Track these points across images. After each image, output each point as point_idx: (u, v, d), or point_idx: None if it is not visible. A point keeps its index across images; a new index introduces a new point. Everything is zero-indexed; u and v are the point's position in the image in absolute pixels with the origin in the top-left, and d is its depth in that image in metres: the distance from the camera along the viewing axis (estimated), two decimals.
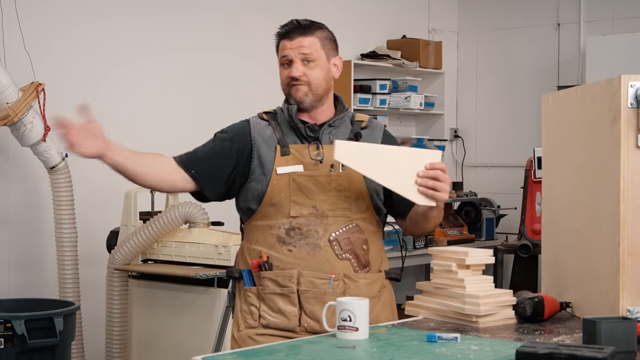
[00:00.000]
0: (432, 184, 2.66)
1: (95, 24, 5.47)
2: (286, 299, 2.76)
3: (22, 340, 4.19)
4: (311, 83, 2.81)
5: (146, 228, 4.67)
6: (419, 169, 2.67)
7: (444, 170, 2.67)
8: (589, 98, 2.65)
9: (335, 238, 2.76)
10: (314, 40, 2.83)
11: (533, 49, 7.54)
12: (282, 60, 2.84)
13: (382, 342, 2.37)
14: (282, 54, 2.83)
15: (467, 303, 2.58)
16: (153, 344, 4.72)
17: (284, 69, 2.84)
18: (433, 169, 2.66)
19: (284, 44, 2.83)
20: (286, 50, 2.82)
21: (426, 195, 2.67)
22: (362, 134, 2.86)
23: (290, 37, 2.82)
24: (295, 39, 2.81)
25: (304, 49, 2.80)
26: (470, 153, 7.90)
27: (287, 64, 2.82)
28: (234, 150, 2.83)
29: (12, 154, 5.11)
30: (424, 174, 2.66)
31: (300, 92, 2.81)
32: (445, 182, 2.67)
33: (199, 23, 6.01)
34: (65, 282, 4.91)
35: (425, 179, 2.66)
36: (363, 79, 7.03)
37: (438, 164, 2.68)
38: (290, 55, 2.81)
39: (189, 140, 5.79)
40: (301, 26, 2.84)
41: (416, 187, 2.67)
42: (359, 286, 2.77)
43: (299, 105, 2.83)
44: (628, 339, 2.18)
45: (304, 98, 2.81)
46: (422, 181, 2.66)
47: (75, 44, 5.38)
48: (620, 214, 2.43)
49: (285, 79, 2.84)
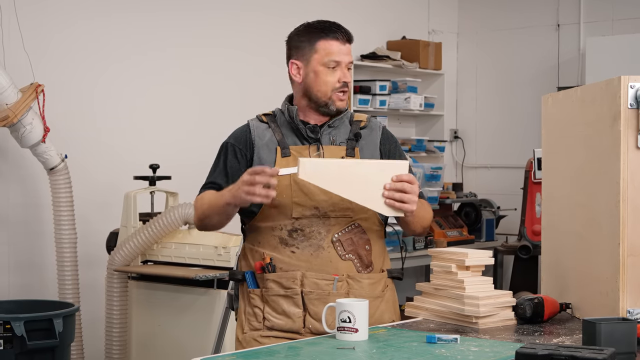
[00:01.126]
0: (399, 196, 2.64)
1: (94, 24, 5.46)
2: (290, 300, 2.75)
3: (22, 342, 4.19)
4: (348, 90, 2.84)
5: (146, 229, 4.67)
6: (387, 180, 2.66)
7: (410, 182, 2.66)
8: (588, 99, 2.65)
9: (338, 239, 2.76)
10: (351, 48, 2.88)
11: (533, 50, 7.53)
12: (330, 64, 2.80)
13: (382, 344, 2.37)
14: (333, 57, 2.80)
15: (467, 304, 2.58)
16: (153, 345, 4.72)
17: (330, 72, 2.81)
18: (400, 181, 2.65)
19: (335, 46, 2.81)
20: (341, 54, 2.80)
21: (393, 207, 2.66)
22: (362, 134, 2.86)
23: (342, 40, 2.82)
24: (346, 44, 2.83)
25: (350, 57, 2.84)
26: (470, 154, 7.90)
27: (334, 67, 2.80)
28: (242, 157, 2.84)
29: (11, 155, 5.11)
30: (391, 187, 2.65)
31: (345, 100, 2.83)
32: (412, 193, 2.65)
33: (198, 19, 6.00)
34: (64, 283, 4.91)
35: (392, 191, 2.65)
36: (363, 80, 7.03)
37: (405, 175, 2.66)
38: (345, 60, 2.81)
39: (189, 136, 5.84)
40: (348, 33, 2.86)
41: (383, 199, 2.66)
42: (362, 286, 2.77)
43: (339, 112, 2.83)
44: (628, 340, 2.18)
45: (346, 106, 2.84)
46: (388, 194, 2.65)
47: (74, 45, 5.38)
48: (620, 215, 2.43)
49: (332, 83, 2.80)
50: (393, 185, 2.65)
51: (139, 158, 5.45)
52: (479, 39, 7.86)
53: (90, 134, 5.44)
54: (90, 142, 5.43)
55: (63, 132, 5.16)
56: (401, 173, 2.67)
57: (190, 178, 4.49)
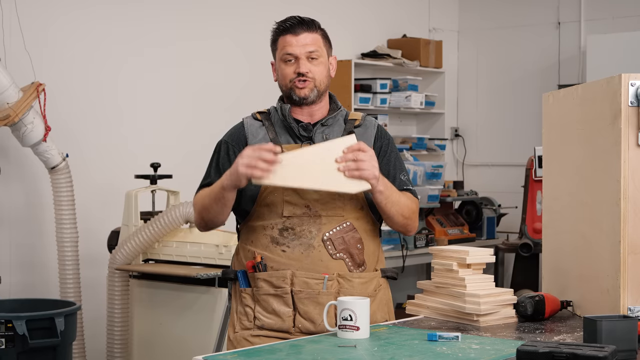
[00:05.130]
0: (355, 165, 2.60)
1: (95, 24, 5.47)
2: (280, 299, 2.75)
3: (23, 341, 4.19)
4: (316, 79, 2.80)
5: (147, 228, 4.67)
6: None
7: (362, 150, 2.61)
8: (589, 97, 2.65)
9: (329, 238, 2.75)
10: (318, 37, 2.82)
11: (533, 48, 7.53)
12: (285, 57, 2.79)
13: (383, 342, 2.37)
14: (286, 51, 2.78)
15: (468, 302, 2.58)
16: (154, 344, 4.72)
17: (287, 65, 2.79)
18: (351, 151, 2.61)
19: (287, 40, 2.79)
20: (292, 46, 2.78)
21: (354, 177, 2.61)
22: (356, 132, 2.83)
23: (295, 32, 2.79)
24: (301, 34, 2.78)
25: (309, 46, 2.78)
26: (471, 152, 7.90)
27: (290, 61, 2.79)
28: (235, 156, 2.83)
29: (12, 154, 5.11)
30: (343, 158, 2.60)
31: (307, 88, 2.78)
32: (367, 160, 2.60)
33: (199, 18, 6.00)
34: (66, 282, 4.91)
35: (346, 162, 2.60)
36: (363, 78, 7.03)
37: (355, 144, 2.62)
38: (296, 52, 2.77)
39: (190, 135, 5.84)
40: (304, 22, 2.81)
41: (342, 175, 2.60)
42: (353, 286, 2.76)
43: (302, 102, 2.80)
44: (629, 337, 2.18)
45: (310, 94, 2.79)
46: (344, 166, 2.60)
47: (75, 44, 5.38)
48: (620, 213, 2.43)
49: (288, 75, 2.79)
50: (345, 156, 2.61)
51: (140, 157, 5.45)
52: (479, 37, 7.86)
53: (91, 133, 5.45)
54: (91, 141, 5.43)
55: (64, 131, 5.17)
56: (350, 144, 2.62)
57: (191, 177, 4.48)
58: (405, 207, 2.79)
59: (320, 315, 2.68)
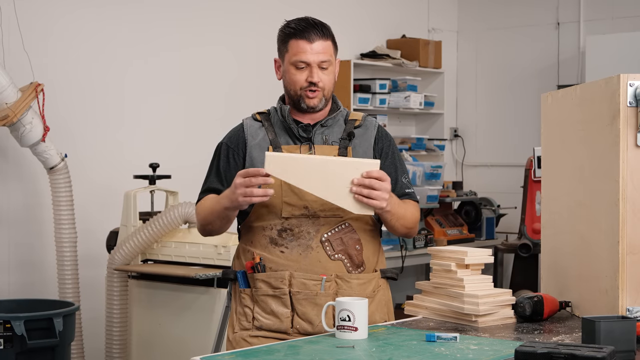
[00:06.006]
0: (367, 192, 2.60)
1: (94, 24, 5.46)
2: (278, 300, 2.75)
3: (22, 341, 4.19)
4: (325, 88, 2.79)
5: (146, 228, 4.67)
6: (356, 177, 2.62)
7: (381, 179, 2.61)
8: (588, 97, 2.65)
9: (327, 239, 2.75)
10: (329, 44, 2.79)
11: (533, 48, 7.53)
12: (298, 64, 2.76)
13: (381, 342, 2.37)
14: (300, 58, 2.75)
15: (467, 302, 2.58)
16: (153, 344, 4.72)
17: (298, 71, 2.77)
18: (369, 178, 2.61)
19: (301, 46, 2.75)
20: (306, 54, 2.74)
21: (361, 203, 2.62)
22: (356, 133, 2.83)
23: (309, 39, 2.75)
24: (315, 42, 2.75)
25: (322, 55, 2.75)
26: (470, 152, 7.90)
27: (302, 68, 2.76)
28: (236, 157, 2.84)
29: (11, 154, 5.11)
30: (359, 182, 2.60)
31: (317, 98, 2.77)
32: (381, 190, 2.61)
33: (199, 20, 6.00)
34: (64, 282, 4.91)
35: (360, 187, 2.60)
36: (363, 78, 7.03)
37: (375, 172, 2.61)
38: (310, 60, 2.75)
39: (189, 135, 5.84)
40: (318, 27, 2.77)
41: (351, 196, 2.61)
42: (351, 287, 2.76)
43: (311, 110, 2.80)
44: (627, 338, 2.18)
45: (319, 104, 2.79)
46: (357, 189, 2.60)
47: (74, 45, 5.38)
48: (619, 213, 2.43)
49: (299, 82, 2.77)
50: (361, 180, 2.61)
51: (139, 157, 5.45)
52: (478, 37, 7.85)
53: (90, 133, 5.44)
54: (90, 141, 5.43)
55: (63, 131, 5.16)
56: (371, 170, 2.62)
57: (190, 177, 4.50)
58: (409, 220, 2.81)
59: (318, 317, 2.68)
